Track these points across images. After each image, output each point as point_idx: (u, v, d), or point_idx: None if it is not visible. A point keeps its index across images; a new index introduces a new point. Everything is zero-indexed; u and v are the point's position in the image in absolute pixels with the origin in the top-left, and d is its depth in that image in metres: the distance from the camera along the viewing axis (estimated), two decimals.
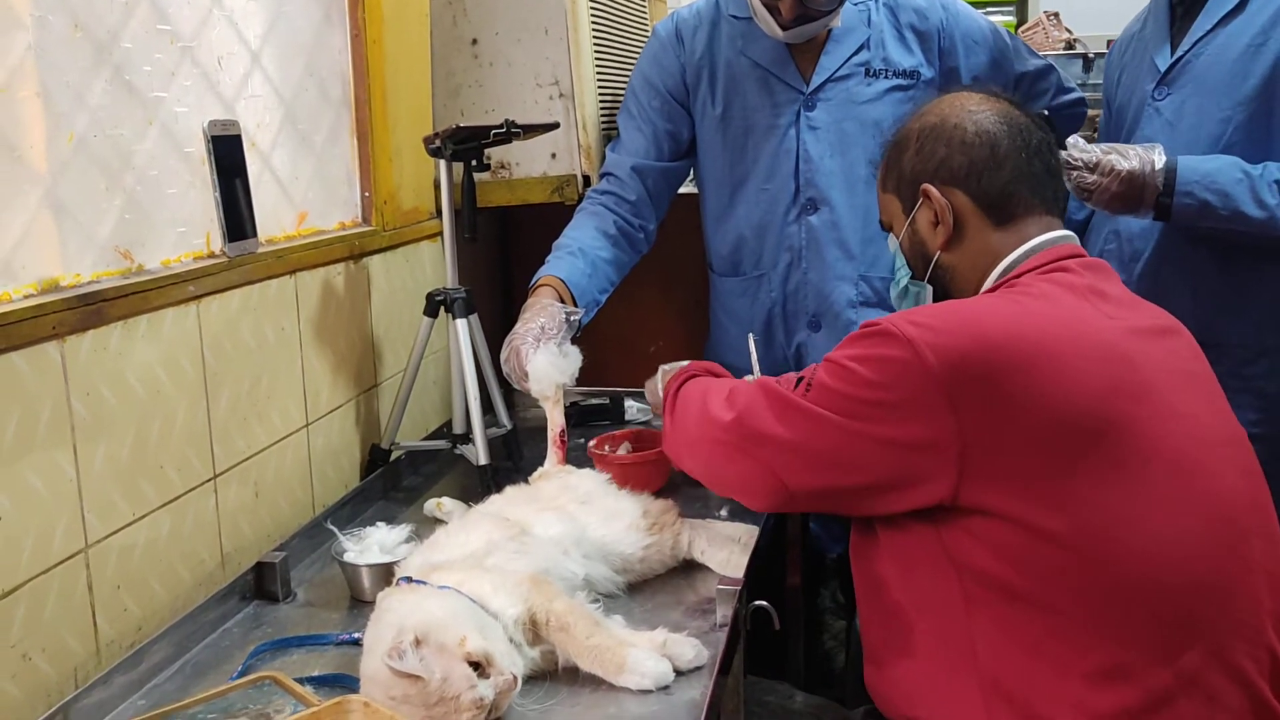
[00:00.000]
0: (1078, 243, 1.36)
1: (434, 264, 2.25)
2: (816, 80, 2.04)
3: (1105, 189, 1.70)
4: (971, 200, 1.37)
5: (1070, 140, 1.73)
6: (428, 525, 1.62)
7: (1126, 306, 1.31)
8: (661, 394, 1.62)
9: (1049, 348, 1.19)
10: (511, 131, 1.80)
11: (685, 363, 1.66)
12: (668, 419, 1.51)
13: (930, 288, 1.43)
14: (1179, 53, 1.83)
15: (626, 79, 2.27)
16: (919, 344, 1.19)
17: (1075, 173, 1.71)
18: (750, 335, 1.67)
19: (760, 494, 1.35)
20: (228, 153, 1.55)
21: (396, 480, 1.96)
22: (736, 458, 1.34)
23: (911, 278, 1.44)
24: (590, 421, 2.19)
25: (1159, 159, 1.70)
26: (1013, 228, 1.36)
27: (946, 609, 1.23)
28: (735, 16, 2.08)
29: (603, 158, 2.25)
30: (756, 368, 1.63)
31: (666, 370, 1.65)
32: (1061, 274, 1.30)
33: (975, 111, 1.39)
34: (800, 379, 1.31)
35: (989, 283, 1.36)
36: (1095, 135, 2.14)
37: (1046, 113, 1.98)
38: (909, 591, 1.28)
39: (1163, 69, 1.85)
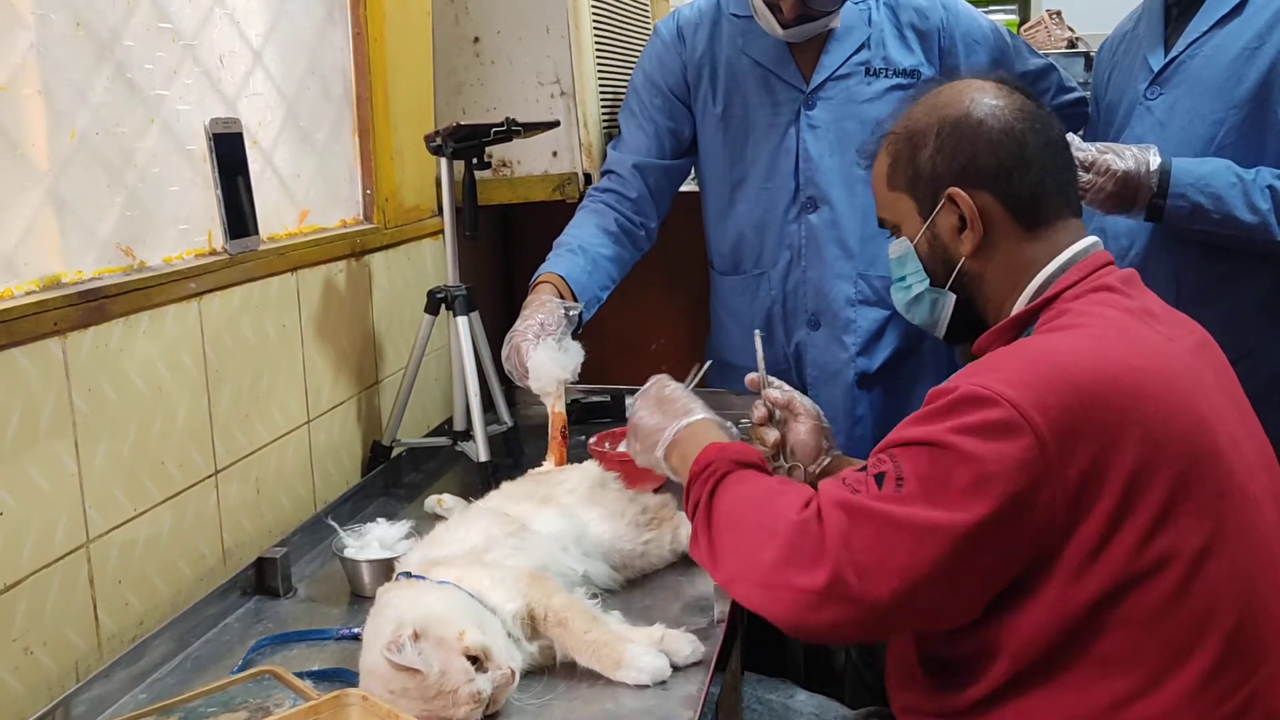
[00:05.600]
0: (1103, 247, 1.31)
1: (435, 261, 2.26)
2: (817, 79, 2.04)
3: (1100, 188, 1.69)
4: (1000, 203, 1.28)
5: (1066, 138, 1.73)
6: (428, 521, 1.63)
7: (1173, 324, 1.26)
8: (660, 457, 1.39)
9: (1143, 388, 1.11)
10: (512, 129, 1.80)
11: (679, 422, 1.38)
12: (704, 537, 1.26)
13: (953, 296, 1.34)
14: (1173, 53, 1.82)
15: (628, 77, 2.27)
16: (1020, 403, 1.08)
17: None
18: (756, 331, 1.66)
19: (852, 637, 1.21)
20: (229, 150, 1.55)
21: (397, 477, 1.97)
22: (832, 607, 1.11)
23: (930, 284, 1.35)
24: (591, 419, 2.20)
25: (1154, 160, 1.69)
26: (1043, 233, 1.28)
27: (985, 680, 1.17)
28: (736, 15, 2.09)
29: (604, 156, 2.25)
30: (761, 365, 1.63)
31: (665, 441, 1.38)
32: (1109, 294, 1.23)
33: (997, 105, 1.30)
34: (880, 474, 1.12)
35: (1024, 297, 1.28)
36: (1083, 133, 2.14)
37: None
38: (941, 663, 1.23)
39: (1156, 68, 1.84)
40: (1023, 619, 1.12)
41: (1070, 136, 1.73)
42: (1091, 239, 1.31)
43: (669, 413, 1.41)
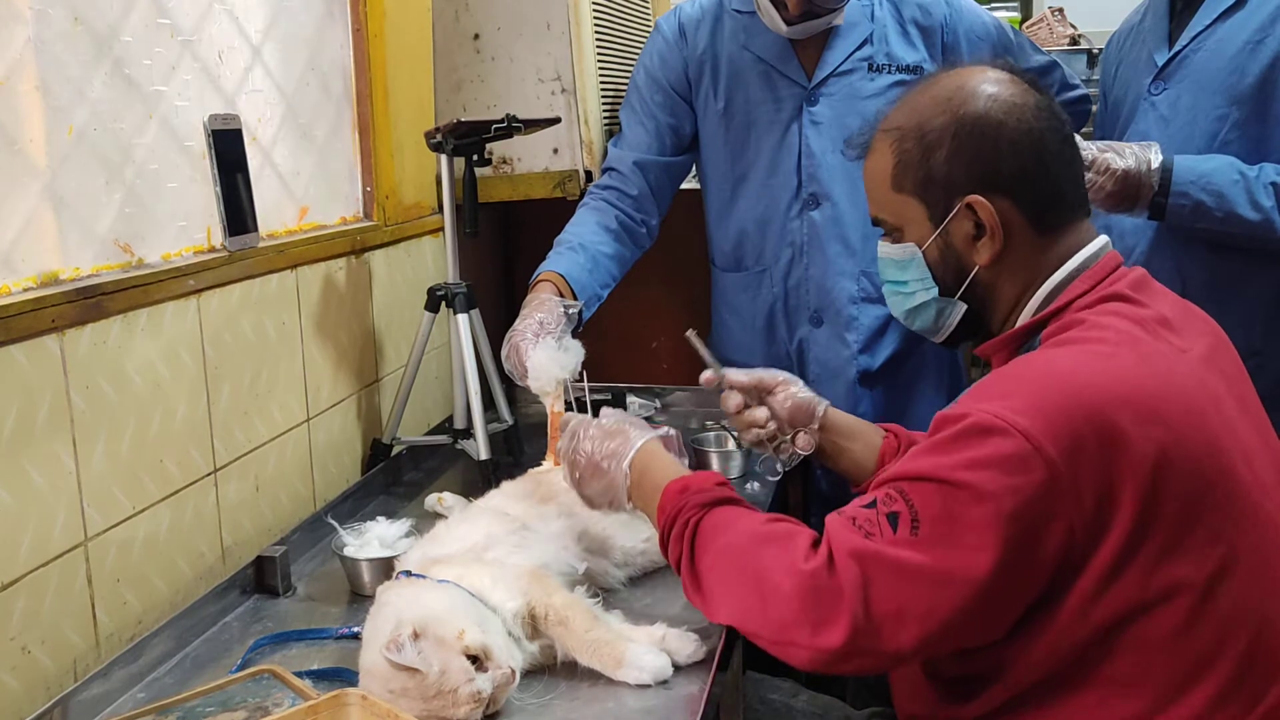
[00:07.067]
0: (1112, 246, 1.26)
1: (435, 259, 2.25)
2: (819, 75, 2.04)
3: (1100, 187, 1.67)
4: (1018, 210, 1.21)
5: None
6: (428, 520, 1.62)
7: (1185, 330, 1.20)
8: (630, 509, 1.35)
9: (1157, 412, 1.07)
10: (513, 126, 1.80)
11: (622, 464, 1.32)
12: (696, 595, 1.22)
13: (963, 306, 1.28)
14: (1177, 47, 1.81)
15: (629, 74, 2.27)
16: (1033, 433, 1.03)
17: None
18: (689, 332, 1.57)
19: (882, 671, 1.19)
20: (228, 147, 1.55)
21: (397, 475, 1.96)
22: (852, 661, 1.09)
23: (938, 294, 1.28)
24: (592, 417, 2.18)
25: (1155, 158, 1.68)
26: (1055, 237, 1.23)
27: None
28: (738, 11, 2.08)
29: (604, 153, 2.24)
30: (709, 359, 1.55)
31: (622, 491, 1.33)
32: (1124, 305, 1.18)
33: (1016, 103, 1.21)
34: (893, 514, 1.08)
35: (1032, 306, 1.23)
36: (1090, 129, 2.14)
37: None
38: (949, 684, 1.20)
39: (1160, 63, 1.83)
40: (1036, 642, 1.09)
41: None
42: (1101, 240, 1.26)
43: (607, 460, 1.33)
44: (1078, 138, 1.71)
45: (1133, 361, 1.11)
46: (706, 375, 1.54)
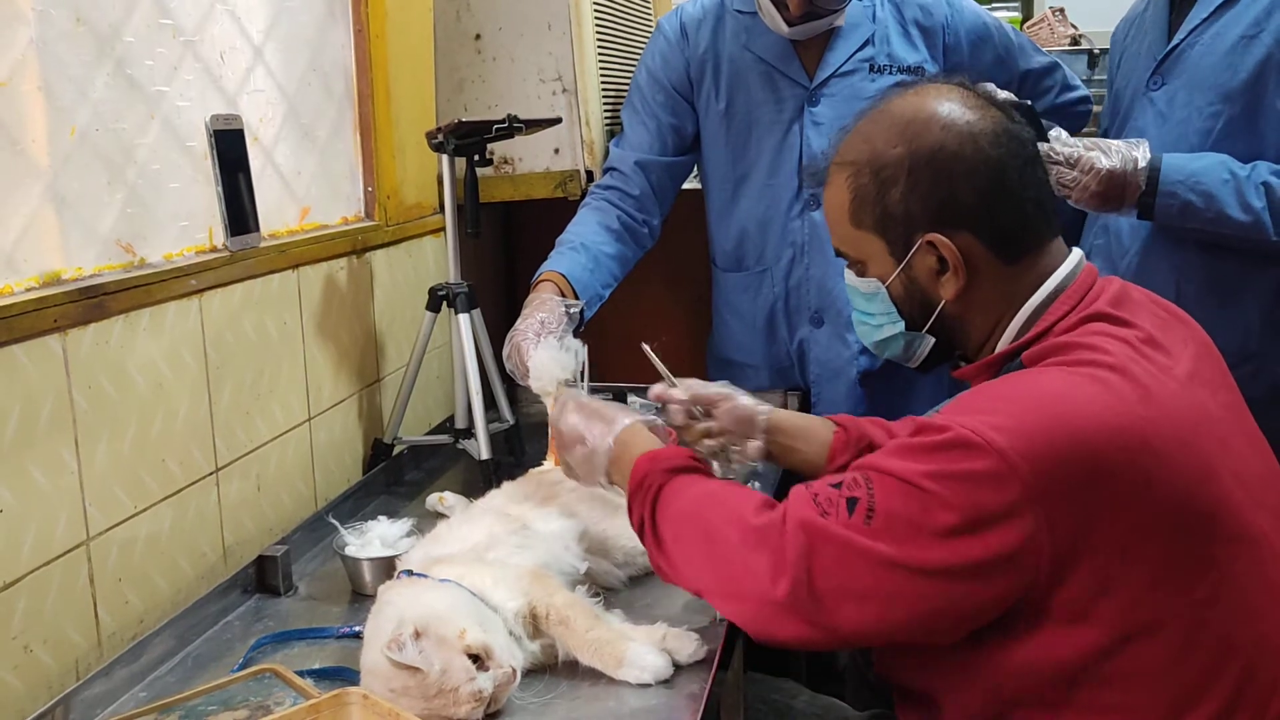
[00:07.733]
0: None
1: (437, 259, 2.25)
2: (820, 75, 2.04)
3: (1084, 187, 1.64)
4: (979, 241, 1.18)
5: (1053, 134, 1.68)
6: (429, 519, 1.62)
7: (1169, 344, 1.17)
8: (604, 482, 1.35)
9: (1149, 443, 1.04)
10: (514, 126, 1.80)
11: (606, 439, 1.33)
12: (658, 555, 1.23)
13: (932, 339, 1.26)
14: (1174, 42, 1.79)
15: (630, 74, 2.27)
16: (1010, 454, 1.01)
17: (1055, 168, 1.64)
18: (644, 345, 1.56)
19: (820, 647, 1.19)
20: (230, 147, 1.55)
21: (398, 475, 1.96)
22: (792, 622, 1.09)
23: (904, 328, 1.26)
24: None
25: (1142, 156, 1.65)
26: (1025, 263, 1.20)
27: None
28: (740, 11, 2.08)
29: (606, 153, 2.25)
30: (664, 371, 1.55)
31: (602, 465, 1.34)
32: (1107, 325, 1.15)
33: (972, 131, 1.17)
34: (853, 499, 1.07)
35: (1010, 333, 1.20)
36: (1095, 128, 2.13)
37: (1030, 102, 1.93)
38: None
39: (1158, 58, 1.81)
40: (1009, 660, 1.08)
41: (1056, 132, 1.69)
42: (1075, 258, 1.23)
43: (593, 432, 1.36)
44: (1064, 134, 1.69)
45: (1125, 388, 1.08)
46: (655, 391, 1.53)
